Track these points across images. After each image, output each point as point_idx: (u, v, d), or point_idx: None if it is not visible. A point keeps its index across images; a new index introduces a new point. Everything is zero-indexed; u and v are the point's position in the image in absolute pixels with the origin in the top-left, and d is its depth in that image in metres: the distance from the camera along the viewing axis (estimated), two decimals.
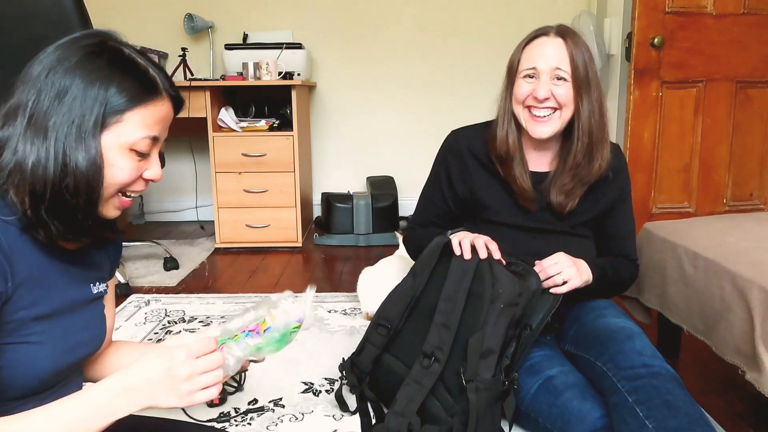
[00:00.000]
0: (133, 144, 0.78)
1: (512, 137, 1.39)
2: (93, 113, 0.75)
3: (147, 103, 0.78)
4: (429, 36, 3.41)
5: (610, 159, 1.38)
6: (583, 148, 1.35)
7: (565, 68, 1.31)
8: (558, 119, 1.34)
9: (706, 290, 1.42)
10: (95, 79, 0.75)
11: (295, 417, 1.42)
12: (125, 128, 0.77)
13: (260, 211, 2.93)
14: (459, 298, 1.25)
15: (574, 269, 1.32)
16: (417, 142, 3.48)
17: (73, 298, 0.84)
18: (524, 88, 1.35)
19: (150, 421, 1.03)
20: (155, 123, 0.80)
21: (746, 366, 1.26)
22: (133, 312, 2.11)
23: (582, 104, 1.33)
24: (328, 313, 2.09)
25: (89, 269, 0.89)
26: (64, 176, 0.74)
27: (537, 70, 1.32)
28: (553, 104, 1.33)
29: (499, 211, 1.45)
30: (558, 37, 1.33)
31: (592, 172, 1.37)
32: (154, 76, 0.80)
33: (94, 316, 0.90)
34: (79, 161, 0.75)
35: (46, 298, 0.79)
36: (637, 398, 1.09)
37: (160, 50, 3.24)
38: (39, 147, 0.74)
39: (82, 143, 0.75)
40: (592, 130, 1.34)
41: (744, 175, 2.96)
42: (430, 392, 1.22)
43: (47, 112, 0.74)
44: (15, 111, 0.76)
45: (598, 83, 1.36)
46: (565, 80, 1.31)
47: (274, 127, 2.95)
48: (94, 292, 0.89)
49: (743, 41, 2.80)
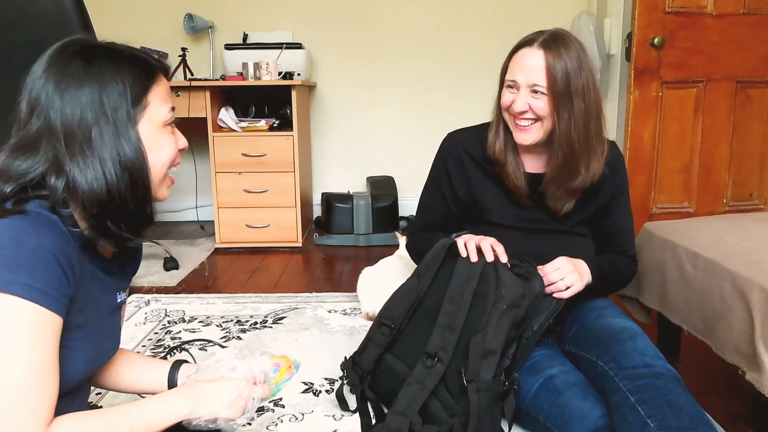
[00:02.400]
0: (165, 120, 0.85)
1: (500, 143, 1.41)
2: (123, 108, 0.79)
3: (156, 81, 0.84)
4: (429, 36, 3.41)
5: (603, 171, 1.37)
6: (563, 159, 1.34)
7: (541, 83, 1.29)
8: (539, 129, 1.34)
9: (706, 290, 1.42)
10: (109, 78, 0.79)
11: (295, 417, 1.42)
12: (152, 110, 0.83)
13: (260, 211, 2.93)
14: (464, 300, 1.25)
15: (576, 274, 1.32)
16: (417, 142, 3.49)
17: (103, 306, 0.88)
18: (506, 97, 1.36)
19: None
20: (167, 95, 0.86)
21: (746, 366, 1.26)
22: (133, 312, 2.11)
23: (560, 117, 1.31)
24: (328, 313, 2.09)
25: (117, 278, 0.92)
26: (123, 174, 0.79)
27: (516, 83, 1.33)
28: (532, 116, 1.33)
29: (498, 212, 1.46)
30: (540, 49, 1.29)
31: (574, 184, 1.36)
32: (144, 56, 0.85)
33: (115, 324, 0.94)
34: (127, 154, 0.79)
35: (87, 305, 0.82)
36: (639, 398, 1.09)
37: (160, 50, 3.23)
38: (92, 159, 0.77)
39: (124, 137, 0.79)
40: (573, 143, 1.32)
41: (744, 175, 2.96)
42: (431, 392, 1.22)
43: (82, 125, 0.77)
44: (40, 137, 0.77)
45: (589, 93, 1.30)
46: (543, 94, 1.30)
47: (274, 127, 2.95)
48: (118, 300, 0.93)
49: (743, 41, 2.80)
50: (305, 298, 2.24)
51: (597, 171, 1.36)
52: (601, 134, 1.37)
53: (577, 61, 1.29)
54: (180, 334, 1.91)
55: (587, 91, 1.30)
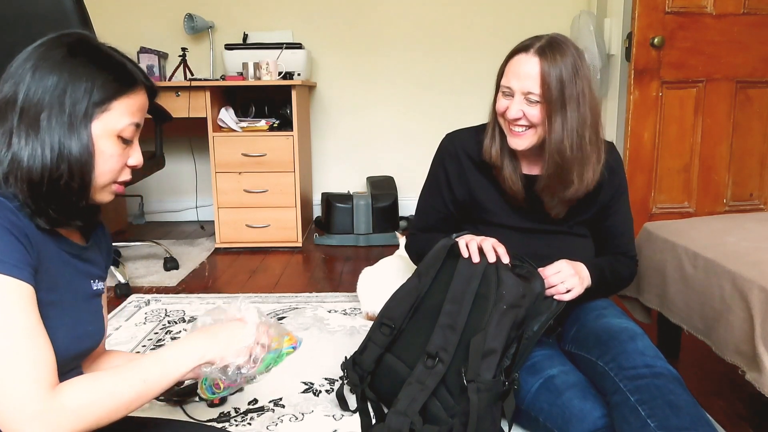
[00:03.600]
0: (121, 131, 0.85)
1: (496, 148, 1.41)
2: (82, 104, 0.81)
3: (129, 93, 0.85)
4: (429, 35, 3.41)
5: (597, 180, 1.36)
6: (554, 168, 1.33)
7: (535, 91, 1.28)
8: (533, 135, 1.34)
9: (706, 290, 1.42)
10: (81, 74, 0.81)
11: (295, 417, 1.42)
12: (112, 117, 0.84)
13: (260, 211, 2.93)
14: (466, 301, 1.25)
15: (577, 278, 1.32)
16: (417, 142, 3.49)
17: (76, 290, 0.89)
18: (501, 103, 1.36)
19: (150, 420, 1.03)
20: (137, 110, 0.87)
21: (746, 366, 1.26)
22: (133, 312, 2.11)
23: (553, 125, 1.30)
24: (328, 313, 2.09)
25: (90, 265, 0.94)
26: (59, 164, 0.80)
27: (511, 89, 1.32)
28: (526, 123, 1.33)
29: (497, 213, 1.46)
30: (535, 56, 1.28)
31: (567, 194, 1.35)
32: (132, 69, 0.87)
33: (95, 312, 0.94)
34: (72, 149, 0.80)
35: (57, 285, 0.83)
36: (639, 398, 1.09)
37: (160, 50, 3.24)
38: (33, 139, 0.79)
39: (75, 132, 0.81)
40: (564, 151, 1.30)
41: (744, 175, 2.96)
42: (432, 392, 1.22)
43: (38, 106, 0.79)
44: (5, 107, 0.80)
45: (584, 101, 1.29)
46: (537, 102, 1.30)
47: (274, 127, 2.95)
48: (94, 288, 0.94)
49: (743, 41, 2.80)
50: (305, 298, 2.24)
51: (591, 180, 1.35)
52: (597, 142, 1.35)
53: (573, 68, 1.28)
54: (180, 334, 1.91)
55: (582, 99, 1.29)
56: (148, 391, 0.81)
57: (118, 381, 0.78)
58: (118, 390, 0.78)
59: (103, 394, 0.76)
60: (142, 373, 0.80)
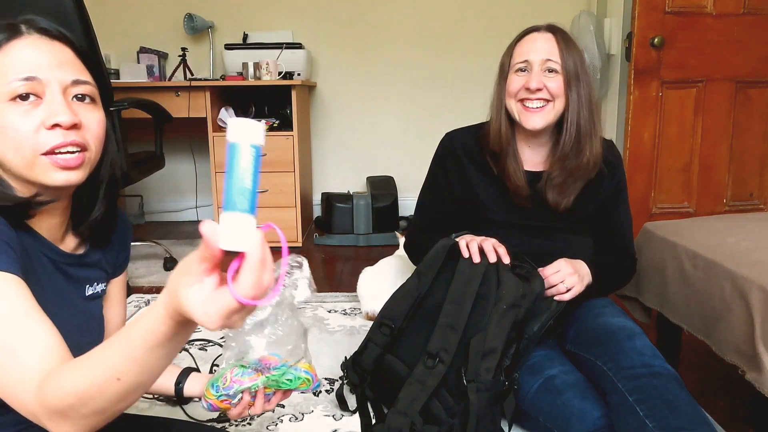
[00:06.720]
0: (11, 93, 0.71)
1: (505, 130, 1.42)
2: None
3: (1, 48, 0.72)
4: (429, 35, 3.41)
5: (601, 154, 1.40)
6: (571, 139, 1.37)
7: (555, 59, 1.34)
8: (551, 110, 1.36)
9: (706, 290, 1.42)
10: None
11: (295, 417, 1.42)
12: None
13: (260, 211, 2.86)
14: (466, 301, 1.25)
15: (576, 276, 1.32)
16: (417, 142, 3.49)
17: (65, 298, 0.82)
18: (516, 82, 1.37)
19: (150, 420, 1.03)
20: (25, 64, 0.72)
21: (746, 366, 1.26)
22: (133, 312, 2.11)
23: (571, 97, 1.36)
24: (328, 313, 2.09)
25: (84, 269, 0.87)
26: None
27: (529, 62, 1.36)
28: (546, 95, 1.35)
29: (497, 211, 1.46)
30: (548, 32, 1.37)
31: (580, 165, 1.38)
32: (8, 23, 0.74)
33: (90, 318, 0.88)
34: None
35: (40, 292, 0.75)
36: (637, 398, 1.09)
37: (160, 50, 3.24)
38: None
39: None
40: (581, 123, 1.37)
41: (744, 175, 2.96)
42: (432, 392, 1.22)
43: None
44: None
45: (589, 80, 1.38)
46: (556, 72, 1.34)
47: (274, 127, 2.95)
48: (88, 293, 0.88)
49: (743, 41, 2.80)
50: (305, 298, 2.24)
51: (597, 152, 1.39)
52: (597, 118, 1.42)
53: (578, 49, 1.38)
54: None
55: (587, 77, 1.38)
56: (136, 361, 0.62)
57: (105, 360, 0.63)
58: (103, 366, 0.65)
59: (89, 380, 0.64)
60: (127, 344, 0.62)
